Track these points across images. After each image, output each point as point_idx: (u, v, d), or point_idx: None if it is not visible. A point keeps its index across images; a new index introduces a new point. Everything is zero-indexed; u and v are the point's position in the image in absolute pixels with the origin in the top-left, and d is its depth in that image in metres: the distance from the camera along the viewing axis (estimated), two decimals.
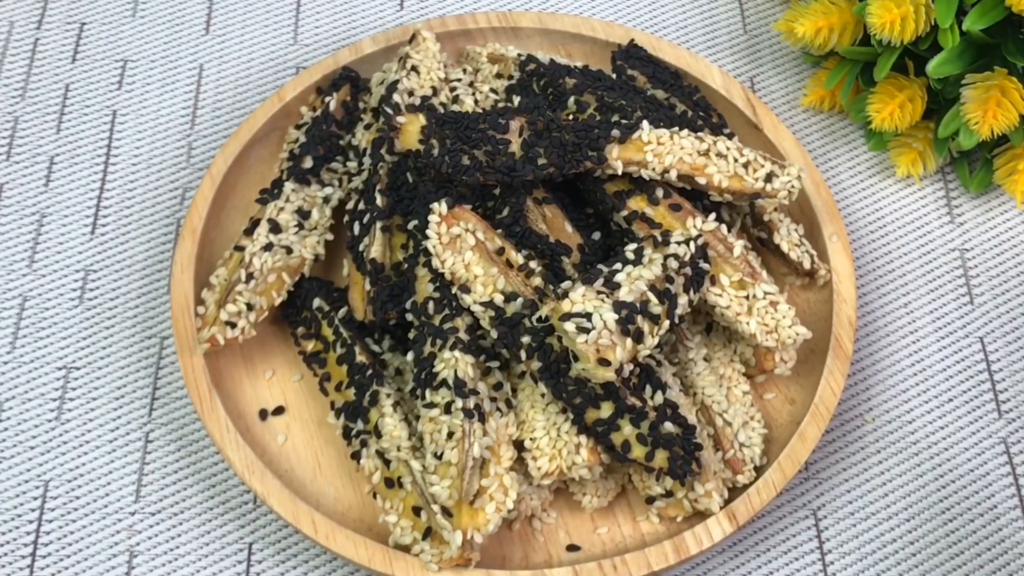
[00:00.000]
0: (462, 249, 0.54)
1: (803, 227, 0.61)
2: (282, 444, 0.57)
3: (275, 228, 0.58)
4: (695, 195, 0.57)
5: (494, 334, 0.53)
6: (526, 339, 0.52)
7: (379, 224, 0.57)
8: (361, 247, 0.57)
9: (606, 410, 0.51)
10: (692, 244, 0.53)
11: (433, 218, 0.54)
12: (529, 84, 0.63)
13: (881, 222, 0.65)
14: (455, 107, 0.62)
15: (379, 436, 0.53)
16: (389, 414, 0.54)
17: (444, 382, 0.52)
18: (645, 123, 0.56)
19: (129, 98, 0.69)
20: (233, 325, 0.56)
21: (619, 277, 0.51)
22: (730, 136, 0.62)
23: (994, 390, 0.60)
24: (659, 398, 0.52)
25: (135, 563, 0.55)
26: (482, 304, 0.53)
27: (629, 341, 0.50)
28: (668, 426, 0.51)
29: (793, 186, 0.56)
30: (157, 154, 0.67)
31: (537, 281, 0.53)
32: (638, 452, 0.51)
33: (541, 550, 0.54)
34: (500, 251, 0.54)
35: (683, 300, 0.52)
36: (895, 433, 0.58)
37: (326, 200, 0.60)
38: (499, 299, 0.53)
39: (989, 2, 0.59)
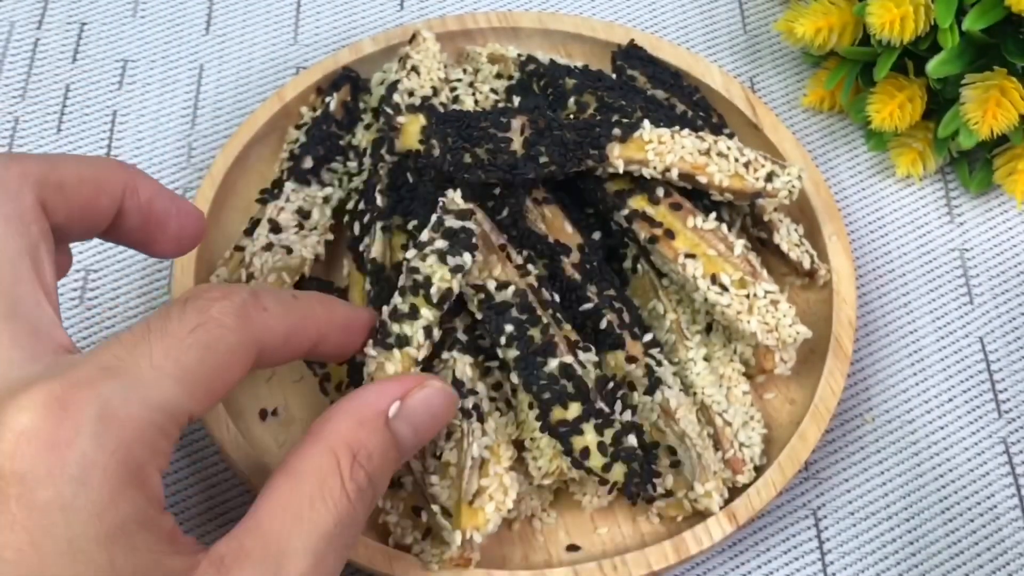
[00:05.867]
0: None
1: (803, 227, 0.61)
2: (282, 444, 0.56)
3: (275, 228, 0.58)
4: (696, 195, 0.57)
5: (479, 315, 0.52)
6: (509, 327, 0.51)
7: (379, 224, 0.57)
8: (361, 247, 0.57)
9: (573, 411, 0.50)
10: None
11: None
12: (529, 84, 0.63)
13: (881, 222, 0.65)
14: (455, 107, 0.62)
15: None
16: None
17: None
18: (646, 122, 0.56)
19: (129, 98, 0.69)
20: None
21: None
22: (730, 136, 0.62)
23: (994, 390, 0.60)
24: (627, 416, 0.51)
25: None
26: (473, 286, 0.53)
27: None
28: (632, 440, 0.50)
29: (793, 186, 0.57)
30: (157, 154, 0.67)
31: (531, 280, 0.53)
32: (596, 461, 0.49)
33: (541, 550, 0.54)
34: (502, 247, 0.54)
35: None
36: (895, 433, 0.58)
37: (326, 200, 0.60)
38: (492, 284, 0.53)
39: (989, 2, 0.59)
